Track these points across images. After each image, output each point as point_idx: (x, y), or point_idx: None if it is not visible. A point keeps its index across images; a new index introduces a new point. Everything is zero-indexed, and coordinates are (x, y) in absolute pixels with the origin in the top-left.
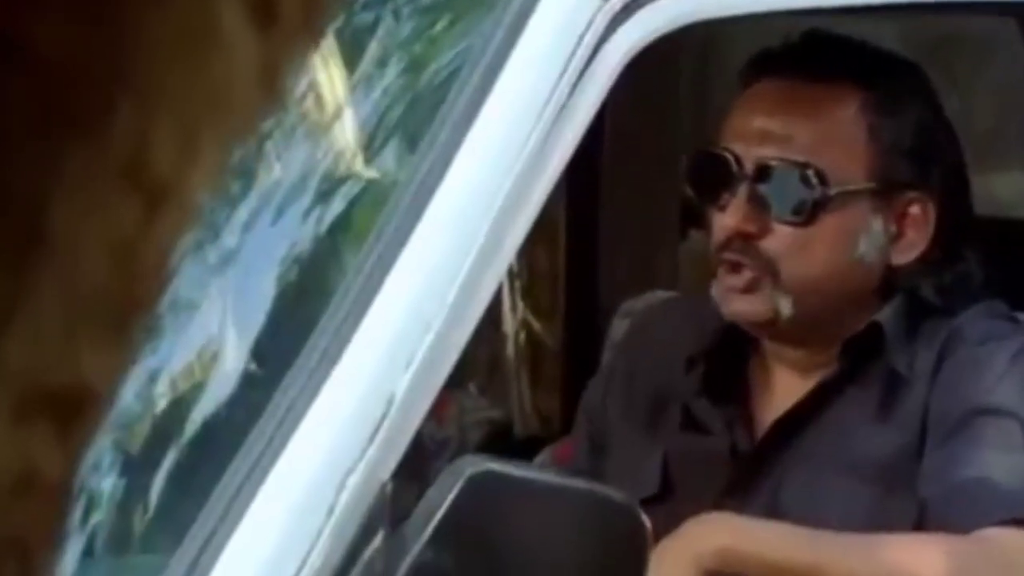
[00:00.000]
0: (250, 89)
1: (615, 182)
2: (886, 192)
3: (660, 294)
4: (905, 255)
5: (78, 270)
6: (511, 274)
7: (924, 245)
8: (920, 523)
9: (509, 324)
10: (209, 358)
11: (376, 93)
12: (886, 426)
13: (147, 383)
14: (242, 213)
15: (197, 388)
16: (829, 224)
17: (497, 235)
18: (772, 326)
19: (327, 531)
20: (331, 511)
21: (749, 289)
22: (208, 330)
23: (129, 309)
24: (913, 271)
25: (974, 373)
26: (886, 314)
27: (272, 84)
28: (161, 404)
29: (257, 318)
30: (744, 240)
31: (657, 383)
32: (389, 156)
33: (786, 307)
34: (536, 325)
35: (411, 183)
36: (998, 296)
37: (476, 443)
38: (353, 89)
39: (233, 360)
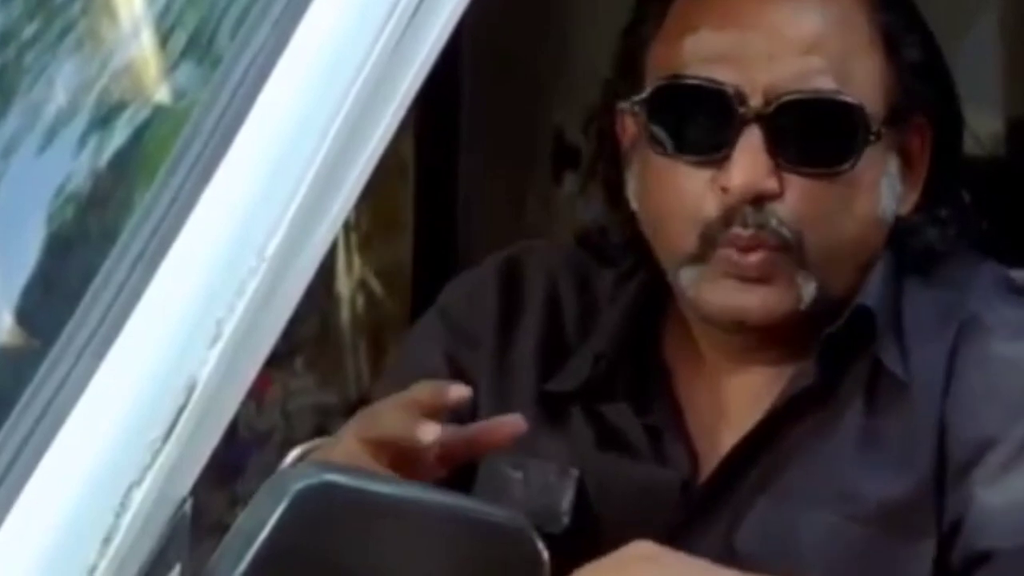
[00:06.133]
0: None
1: (475, 110)
2: (898, 121)
3: (537, 244)
4: (907, 201)
5: None
6: (347, 224)
7: (921, 185)
8: None
9: (344, 285)
10: None
11: None
12: (880, 446)
13: None
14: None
15: None
16: (858, 172)
17: (329, 174)
18: (789, 319)
19: (103, 566)
20: (108, 539)
21: (766, 276)
22: None
23: None
24: (910, 223)
25: (1019, 378)
26: (872, 292)
27: None
28: None
29: (21, 268)
30: (756, 204)
31: (547, 375)
32: (186, 73)
33: (809, 292)
34: (377, 286)
35: (214, 106)
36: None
37: (305, 434)
38: None
39: None
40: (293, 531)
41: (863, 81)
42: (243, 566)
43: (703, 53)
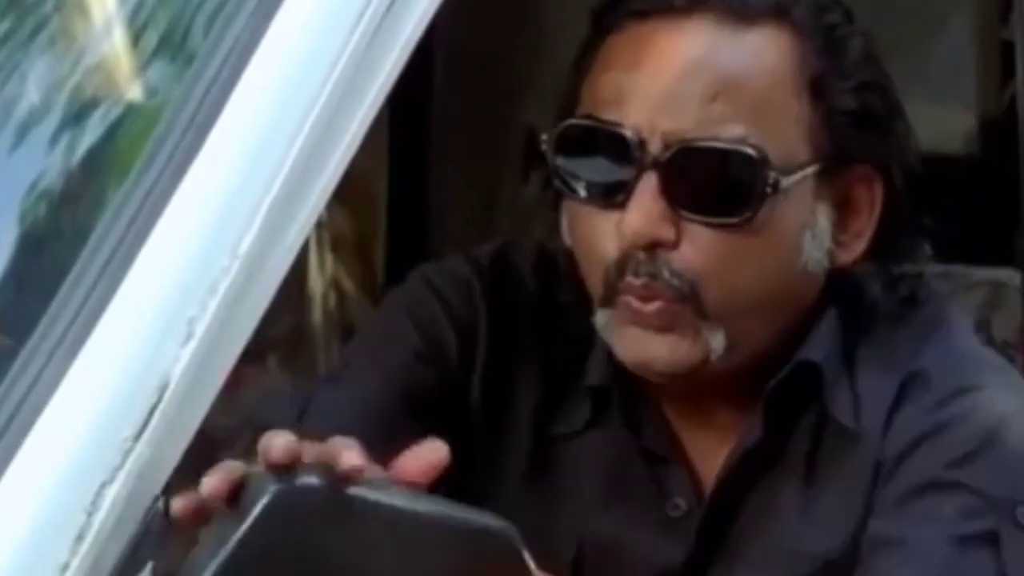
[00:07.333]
0: None
1: (447, 109)
2: (831, 170)
3: (522, 250)
4: (850, 251)
5: None
6: (319, 223)
7: (869, 235)
8: None
9: (316, 284)
10: None
11: None
12: (823, 499)
13: None
14: None
15: None
16: (767, 223)
17: (301, 172)
18: (702, 372)
19: (76, 564)
20: (80, 537)
21: (667, 325)
22: None
23: None
24: (852, 277)
25: (949, 435)
26: (818, 344)
27: None
28: None
29: None
30: (651, 251)
31: (543, 415)
32: (158, 70)
33: (718, 342)
34: (349, 286)
35: (187, 104)
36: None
37: None
38: None
39: None
40: (268, 531)
41: (780, 129)
42: (216, 565)
43: (613, 94)
